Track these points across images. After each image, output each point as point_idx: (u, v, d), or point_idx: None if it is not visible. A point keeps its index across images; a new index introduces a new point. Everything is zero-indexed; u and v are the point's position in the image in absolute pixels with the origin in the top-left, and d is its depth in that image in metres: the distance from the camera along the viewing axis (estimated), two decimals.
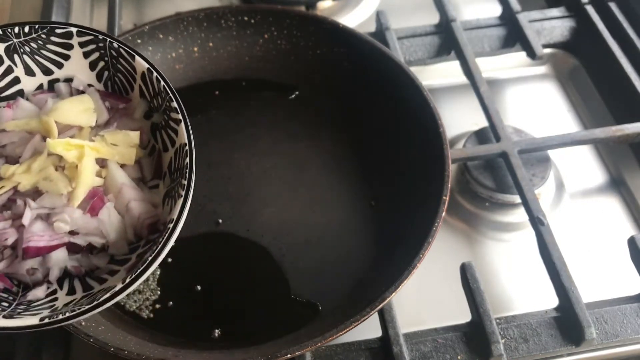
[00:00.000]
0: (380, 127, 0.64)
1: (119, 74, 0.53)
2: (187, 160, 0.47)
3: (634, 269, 0.56)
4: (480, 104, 0.67)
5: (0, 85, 0.53)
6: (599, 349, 0.52)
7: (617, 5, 0.75)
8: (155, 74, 0.51)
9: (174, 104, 0.49)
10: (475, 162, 0.64)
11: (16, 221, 0.48)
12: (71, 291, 0.48)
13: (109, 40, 0.52)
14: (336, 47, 0.68)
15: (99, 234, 0.49)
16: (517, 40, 0.76)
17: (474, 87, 0.68)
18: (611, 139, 0.64)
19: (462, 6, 0.85)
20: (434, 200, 0.53)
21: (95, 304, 0.42)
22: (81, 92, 0.54)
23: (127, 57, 0.52)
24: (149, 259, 0.43)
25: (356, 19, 0.83)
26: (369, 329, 0.51)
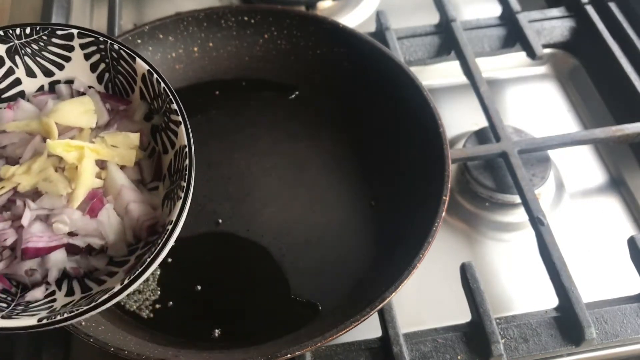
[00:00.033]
0: (380, 127, 0.64)
1: (120, 75, 0.53)
2: (187, 162, 0.47)
3: (634, 269, 0.56)
4: (480, 104, 0.67)
5: (1, 86, 0.53)
6: (599, 349, 0.52)
7: (617, 5, 0.75)
8: (155, 76, 0.51)
9: (174, 106, 0.49)
10: (475, 162, 0.64)
11: (15, 222, 0.48)
12: (70, 292, 0.48)
13: (109, 42, 0.52)
14: (336, 47, 0.68)
15: (98, 236, 0.49)
16: (517, 40, 0.76)
17: (474, 87, 0.68)
18: (611, 139, 0.64)
19: (462, 6, 0.85)
20: (434, 200, 0.53)
21: (93, 304, 0.42)
22: (82, 94, 0.54)
23: (127, 59, 0.52)
24: (148, 260, 0.43)
25: (356, 19, 0.83)
26: (369, 329, 0.51)
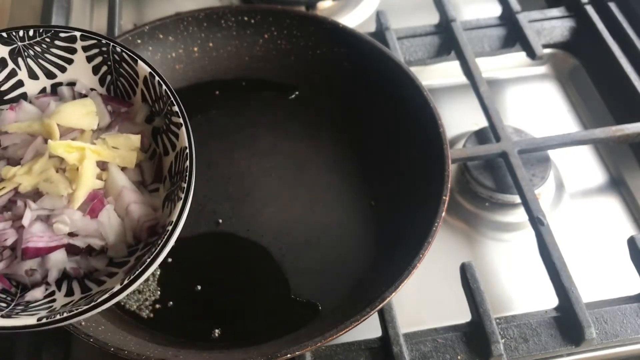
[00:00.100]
0: (380, 127, 0.64)
1: (122, 78, 0.53)
2: (187, 163, 0.47)
3: (634, 269, 0.56)
4: (480, 104, 0.67)
5: (3, 88, 0.53)
6: (598, 349, 0.52)
7: (617, 5, 0.75)
8: (157, 78, 0.51)
9: (175, 108, 0.49)
10: (475, 162, 0.64)
11: (16, 222, 0.48)
12: (69, 293, 0.48)
13: (112, 44, 0.52)
14: (336, 47, 0.68)
15: (98, 236, 0.49)
16: (517, 40, 0.76)
17: (474, 87, 0.68)
18: (611, 139, 0.64)
19: (462, 6, 0.85)
20: (434, 200, 0.53)
21: (93, 304, 0.42)
22: (84, 96, 0.54)
23: (129, 61, 0.52)
24: (148, 260, 0.44)
25: (356, 19, 0.83)
26: (369, 329, 0.51)
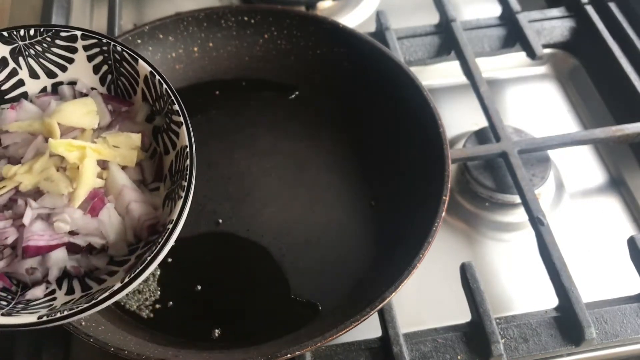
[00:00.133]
0: (380, 127, 0.64)
1: (122, 77, 0.54)
2: (188, 162, 0.47)
3: (633, 269, 0.56)
4: (480, 104, 0.67)
5: (4, 87, 0.53)
6: (598, 349, 0.52)
7: (617, 5, 0.75)
8: (158, 77, 0.51)
9: (176, 107, 0.50)
10: (475, 162, 0.64)
11: (17, 221, 0.48)
12: (70, 291, 0.49)
13: (112, 43, 0.52)
14: (336, 47, 0.68)
15: (98, 235, 0.49)
16: (517, 40, 0.76)
17: (474, 87, 0.68)
18: (611, 139, 0.64)
19: (462, 6, 0.85)
20: (434, 200, 0.53)
21: (93, 302, 0.42)
22: (84, 95, 0.54)
23: (130, 60, 0.52)
24: (148, 259, 0.44)
25: (356, 19, 0.83)
26: (369, 329, 0.51)
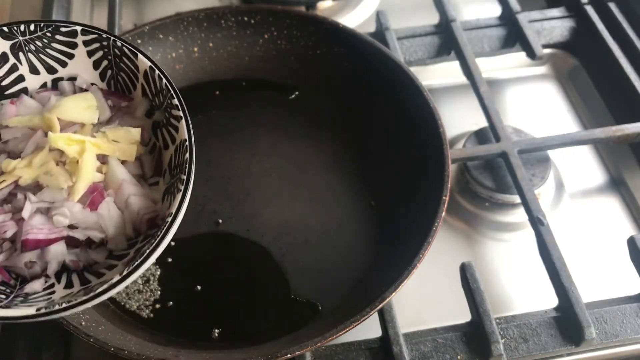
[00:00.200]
0: (380, 127, 0.64)
1: (122, 72, 0.54)
2: (187, 155, 0.47)
3: (633, 269, 0.56)
4: (480, 104, 0.67)
5: (4, 83, 0.53)
6: (598, 348, 0.52)
7: (617, 5, 0.75)
8: (157, 71, 0.51)
9: (175, 101, 0.49)
10: (475, 162, 0.64)
11: (16, 214, 0.48)
12: (69, 285, 0.48)
13: (112, 39, 0.52)
14: (336, 47, 0.68)
15: (98, 229, 0.49)
16: (517, 40, 0.76)
17: (473, 87, 0.68)
18: (611, 139, 0.64)
19: (462, 6, 0.85)
20: (434, 200, 0.53)
21: (92, 295, 0.42)
22: (84, 91, 0.54)
23: (130, 55, 0.52)
24: (147, 251, 0.43)
25: (356, 19, 0.83)
26: (369, 329, 0.51)
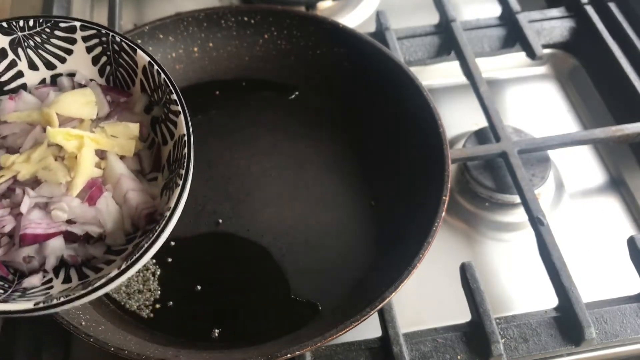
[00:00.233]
0: (380, 127, 0.64)
1: (121, 68, 0.54)
2: (186, 150, 0.47)
3: (633, 269, 0.56)
4: (480, 104, 0.67)
5: (3, 78, 0.53)
6: (598, 348, 0.52)
7: (617, 5, 0.75)
8: (156, 67, 0.51)
9: (174, 96, 0.49)
10: (475, 162, 0.64)
11: (14, 209, 0.48)
12: (67, 280, 0.48)
13: (111, 34, 0.52)
14: (336, 47, 0.68)
15: (96, 223, 0.49)
16: (517, 40, 0.76)
17: (473, 87, 0.68)
18: (611, 139, 0.64)
19: (462, 6, 0.85)
20: (434, 200, 0.53)
21: (90, 289, 0.42)
22: (83, 87, 0.54)
23: (129, 51, 0.52)
24: (145, 246, 0.43)
25: (356, 19, 0.83)
26: (369, 329, 0.51)
